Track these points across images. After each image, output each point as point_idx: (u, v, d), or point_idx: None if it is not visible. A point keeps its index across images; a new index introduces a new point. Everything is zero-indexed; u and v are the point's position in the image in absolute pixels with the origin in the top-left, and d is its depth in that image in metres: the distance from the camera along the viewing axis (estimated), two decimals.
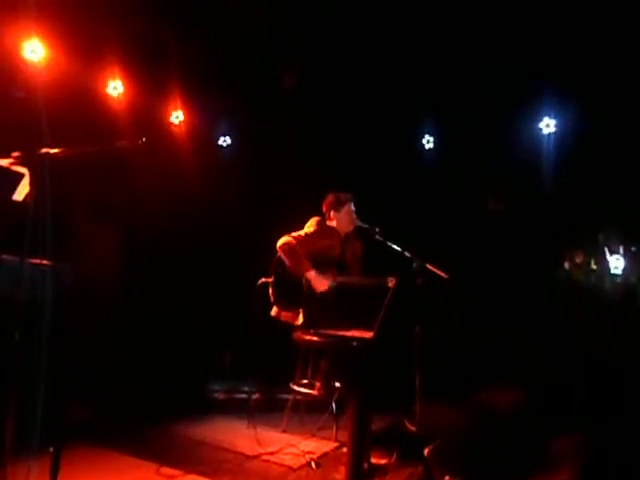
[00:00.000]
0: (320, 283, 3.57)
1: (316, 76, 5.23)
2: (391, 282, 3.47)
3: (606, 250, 5.33)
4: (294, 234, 3.64)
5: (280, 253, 3.59)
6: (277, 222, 3.95)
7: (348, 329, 3.36)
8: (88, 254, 4.05)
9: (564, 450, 2.45)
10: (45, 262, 2.48)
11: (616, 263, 5.29)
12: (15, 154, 2.19)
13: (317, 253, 3.64)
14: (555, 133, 4.99)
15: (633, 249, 5.33)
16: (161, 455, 3.22)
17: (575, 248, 5.39)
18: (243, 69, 5.21)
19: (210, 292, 5.06)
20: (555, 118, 4.97)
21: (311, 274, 3.56)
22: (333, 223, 3.85)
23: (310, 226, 3.78)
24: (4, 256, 2.61)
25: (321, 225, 3.79)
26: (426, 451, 2.80)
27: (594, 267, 5.44)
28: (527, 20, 4.38)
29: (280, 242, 3.59)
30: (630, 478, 2.11)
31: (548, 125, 5.00)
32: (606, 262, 5.33)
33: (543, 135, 5.03)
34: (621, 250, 5.32)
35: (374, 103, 5.18)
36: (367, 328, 3.24)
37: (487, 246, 4.91)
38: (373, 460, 3.15)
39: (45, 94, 3.64)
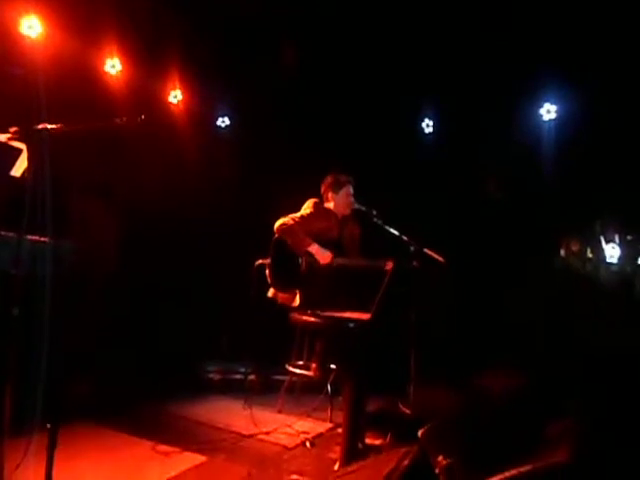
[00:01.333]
0: (323, 255, 3.58)
1: (316, 58, 5.19)
2: (388, 265, 3.48)
3: (602, 239, 5.35)
4: (291, 215, 3.64)
5: (278, 234, 3.59)
6: (275, 203, 3.94)
7: (344, 310, 3.37)
8: (86, 231, 4.04)
9: (558, 434, 2.47)
10: (44, 239, 2.48)
11: (612, 252, 5.30)
12: (13, 129, 2.17)
13: (314, 235, 3.64)
14: (556, 119, 4.96)
15: (629, 238, 5.35)
16: (158, 433, 3.25)
17: (572, 236, 5.40)
18: (242, 49, 5.16)
19: (208, 273, 5.06)
20: (556, 104, 4.94)
21: (313, 247, 3.57)
22: (330, 205, 3.85)
23: (307, 208, 3.77)
24: (2, 233, 2.61)
25: (318, 207, 3.78)
26: (420, 432, 2.82)
27: (590, 255, 5.45)
28: (529, 3, 4.35)
29: (277, 223, 3.59)
30: (623, 462, 2.13)
31: (549, 111, 4.97)
32: (602, 251, 5.35)
33: (544, 121, 5.00)
34: (617, 239, 5.34)
35: (374, 86, 5.14)
36: (363, 310, 3.25)
37: (485, 231, 4.92)
38: (367, 441, 3.18)
39: (43, 71, 3.63)
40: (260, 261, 3.78)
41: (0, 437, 2.05)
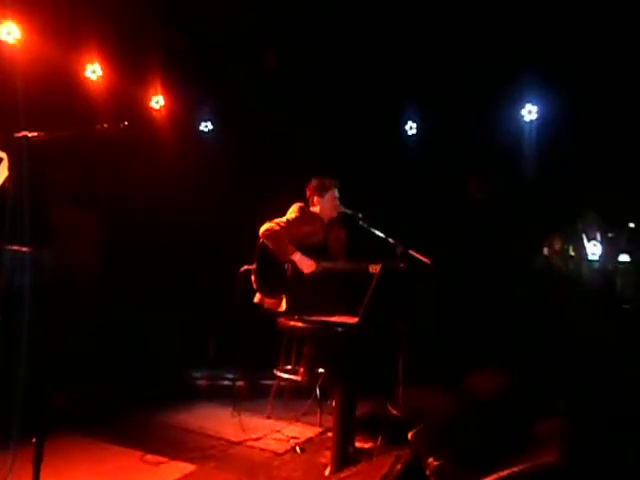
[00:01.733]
0: (306, 264, 3.56)
1: (300, 62, 5.19)
2: (374, 268, 3.47)
3: (584, 237, 5.41)
4: (276, 220, 3.62)
5: (263, 239, 3.57)
6: (260, 208, 3.93)
7: (332, 315, 3.36)
8: (68, 240, 3.99)
9: (547, 433, 2.48)
10: (24, 248, 2.44)
11: (593, 249, 5.37)
12: None
13: (300, 239, 3.63)
14: (537, 120, 5.02)
15: (610, 235, 5.42)
16: (146, 443, 3.21)
17: (554, 234, 5.46)
18: (224, 53, 5.15)
19: (193, 279, 5.02)
20: (537, 105, 4.99)
21: (296, 256, 3.55)
22: (316, 209, 3.84)
23: (292, 212, 3.75)
24: None
25: (303, 211, 3.77)
26: (410, 435, 2.81)
27: (572, 253, 5.52)
28: (509, 6, 4.39)
29: (263, 228, 3.57)
30: (613, 460, 2.15)
31: (530, 112, 5.02)
32: (584, 248, 5.41)
33: (525, 122, 5.05)
34: (598, 236, 5.41)
35: (358, 89, 5.16)
36: (351, 314, 3.24)
37: (468, 232, 4.95)
38: (358, 444, 3.17)
39: (22, 77, 3.58)
40: (245, 267, 3.75)
41: None
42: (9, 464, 2.24)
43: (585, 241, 5.45)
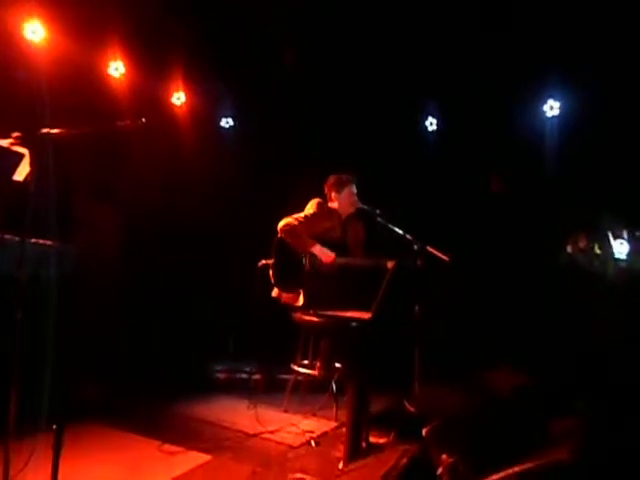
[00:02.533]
0: (326, 255, 3.61)
1: (319, 56, 5.19)
2: (389, 264, 3.48)
3: (610, 235, 5.31)
4: (295, 216, 3.66)
5: (282, 235, 3.61)
6: (278, 204, 3.96)
7: (348, 310, 3.38)
8: (89, 234, 4.07)
9: (562, 432, 2.46)
10: (48, 242, 2.51)
11: (620, 248, 5.26)
12: (15, 134, 2.19)
13: (318, 235, 3.66)
14: (559, 116, 4.94)
15: (638, 234, 5.31)
16: (163, 432, 3.28)
17: (578, 232, 5.36)
18: (245, 49, 5.17)
19: (212, 274, 5.08)
20: (559, 100, 4.92)
21: (316, 248, 3.60)
22: (334, 205, 3.86)
23: (310, 208, 3.79)
24: (6, 236, 2.65)
25: (321, 207, 3.80)
26: (424, 431, 2.82)
27: (598, 252, 5.41)
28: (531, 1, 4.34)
29: (281, 224, 3.61)
30: (626, 459, 2.13)
31: (552, 107, 4.95)
32: (610, 247, 5.31)
33: (547, 117, 4.98)
34: (625, 234, 5.30)
35: (378, 84, 5.14)
36: (367, 309, 3.26)
37: (489, 229, 4.91)
38: (372, 439, 3.18)
39: (46, 75, 3.66)
40: (263, 261, 3.79)
41: (6, 438, 2.08)
42: (30, 450, 2.32)
43: (611, 239, 5.34)
